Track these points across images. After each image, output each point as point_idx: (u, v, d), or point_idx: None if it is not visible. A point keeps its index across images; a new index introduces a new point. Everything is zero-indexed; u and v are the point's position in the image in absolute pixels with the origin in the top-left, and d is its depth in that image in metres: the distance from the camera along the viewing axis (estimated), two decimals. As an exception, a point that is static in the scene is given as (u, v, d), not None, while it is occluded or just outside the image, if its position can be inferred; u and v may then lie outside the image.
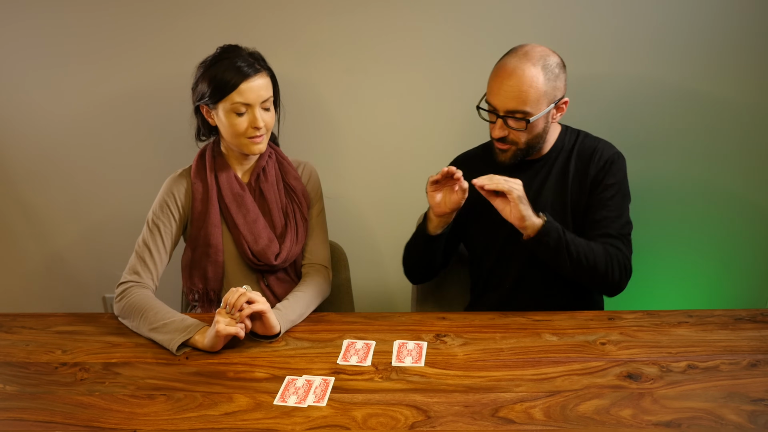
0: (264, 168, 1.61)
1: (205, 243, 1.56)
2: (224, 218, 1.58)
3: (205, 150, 1.61)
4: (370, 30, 1.90)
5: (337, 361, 1.29)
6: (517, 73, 1.40)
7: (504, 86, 1.41)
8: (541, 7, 1.84)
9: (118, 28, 1.91)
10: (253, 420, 1.13)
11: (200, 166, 1.59)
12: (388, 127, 2.02)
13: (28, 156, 2.10)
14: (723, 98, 1.92)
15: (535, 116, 1.42)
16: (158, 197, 1.58)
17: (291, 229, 1.61)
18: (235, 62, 1.46)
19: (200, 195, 1.56)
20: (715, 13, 1.82)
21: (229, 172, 1.58)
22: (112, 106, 2.01)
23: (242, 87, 1.45)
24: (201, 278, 1.59)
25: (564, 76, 1.46)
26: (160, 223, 1.55)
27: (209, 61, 1.50)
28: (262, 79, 1.48)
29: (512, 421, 1.11)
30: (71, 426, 1.13)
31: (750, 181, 2.01)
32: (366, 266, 2.16)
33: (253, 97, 1.46)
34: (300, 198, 1.63)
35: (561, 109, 1.48)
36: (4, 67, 1.98)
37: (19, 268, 2.27)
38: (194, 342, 1.35)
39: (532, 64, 1.40)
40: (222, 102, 1.47)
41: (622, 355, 1.29)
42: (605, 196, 1.51)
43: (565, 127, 1.60)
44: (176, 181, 1.59)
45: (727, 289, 2.15)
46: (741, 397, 1.14)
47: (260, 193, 1.60)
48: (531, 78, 1.39)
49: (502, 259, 1.60)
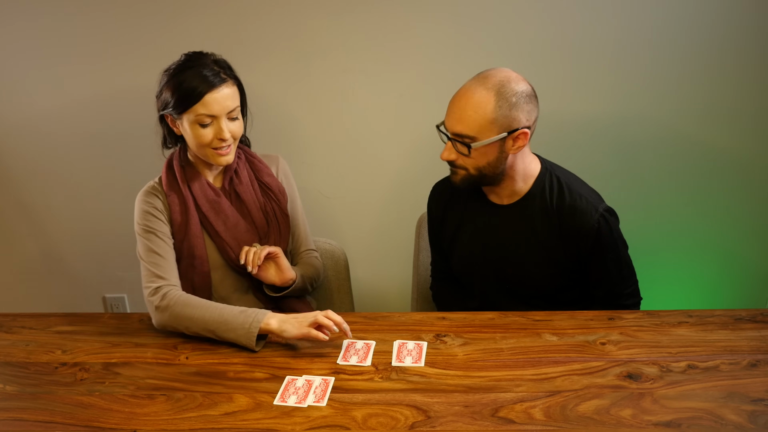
0: (236, 170, 1.57)
1: (189, 254, 1.52)
2: (204, 227, 1.54)
3: (171, 161, 1.55)
4: (368, 30, 1.89)
5: (337, 361, 1.29)
6: (466, 95, 1.34)
7: (454, 108, 1.36)
8: (540, 7, 1.84)
9: (118, 28, 1.91)
10: (253, 420, 1.13)
11: (170, 177, 1.54)
12: (388, 127, 2.01)
13: (28, 156, 2.10)
14: (724, 99, 1.92)
15: (479, 143, 1.34)
16: (138, 212, 1.51)
17: (273, 227, 1.60)
18: (200, 71, 1.41)
19: (177, 207, 1.51)
20: (715, 14, 1.82)
21: (201, 180, 1.53)
22: (113, 106, 2.01)
23: (207, 98, 1.40)
24: (189, 289, 1.54)
25: (528, 106, 1.35)
26: (154, 226, 1.50)
27: (173, 68, 1.45)
28: (228, 89, 1.43)
29: (512, 421, 1.11)
30: (71, 426, 1.13)
31: (750, 181, 2.01)
32: (366, 266, 2.16)
33: (218, 108, 1.41)
34: (277, 194, 1.61)
35: (519, 140, 1.37)
36: (4, 67, 1.98)
37: (18, 268, 2.27)
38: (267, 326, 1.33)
39: (485, 88, 1.33)
40: (186, 113, 1.42)
41: (622, 355, 1.29)
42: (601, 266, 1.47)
43: (545, 168, 1.48)
44: (148, 195, 1.52)
45: (727, 289, 2.15)
46: (741, 397, 1.14)
47: (236, 195, 1.57)
48: (478, 102, 1.32)
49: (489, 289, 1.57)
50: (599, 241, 1.43)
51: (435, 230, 1.65)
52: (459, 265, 1.60)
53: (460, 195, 1.55)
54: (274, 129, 1.98)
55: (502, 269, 1.52)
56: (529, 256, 1.48)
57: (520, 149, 1.39)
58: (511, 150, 1.38)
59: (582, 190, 1.46)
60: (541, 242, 1.46)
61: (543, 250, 1.47)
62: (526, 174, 1.46)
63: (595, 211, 1.42)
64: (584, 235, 1.42)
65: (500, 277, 1.53)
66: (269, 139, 1.90)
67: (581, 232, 1.42)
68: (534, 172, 1.47)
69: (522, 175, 1.46)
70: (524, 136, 1.37)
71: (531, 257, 1.48)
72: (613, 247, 1.46)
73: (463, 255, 1.57)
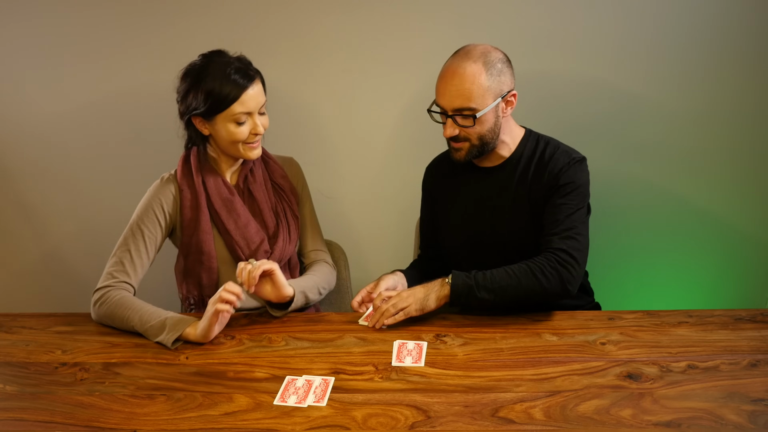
0: (251, 169, 1.60)
1: (197, 250, 1.54)
2: (215, 223, 1.56)
3: (188, 155, 1.57)
4: (367, 31, 1.90)
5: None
6: (458, 72, 1.43)
7: (449, 86, 1.44)
8: (539, 7, 1.84)
9: (117, 28, 1.91)
10: (253, 420, 1.13)
11: (186, 171, 1.56)
12: (387, 126, 2.02)
13: (28, 156, 2.10)
14: (724, 99, 1.91)
15: (481, 111, 1.44)
16: (143, 202, 1.54)
17: (283, 228, 1.61)
18: (228, 73, 1.44)
19: (189, 201, 1.54)
20: (714, 16, 1.82)
21: (216, 177, 1.56)
22: (112, 106, 2.01)
23: (243, 98, 1.45)
24: (195, 285, 1.57)
25: (509, 70, 1.48)
26: (145, 228, 1.52)
27: (197, 71, 1.46)
28: (257, 85, 1.48)
29: (512, 421, 1.10)
30: (71, 426, 1.13)
31: (750, 181, 2.01)
32: (366, 266, 2.16)
33: (254, 104, 1.47)
34: (289, 196, 1.63)
35: (510, 103, 1.50)
36: (4, 67, 1.98)
37: (18, 268, 2.27)
38: (185, 336, 1.35)
39: (473, 61, 1.43)
40: (221, 114, 1.46)
41: (622, 355, 1.29)
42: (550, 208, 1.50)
43: (529, 131, 1.60)
44: (163, 186, 1.56)
45: (727, 289, 2.15)
46: (741, 397, 1.14)
47: (249, 193, 1.59)
48: (473, 75, 1.42)
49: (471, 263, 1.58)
50: (558, 180, 1.49)
51: (428, 206, 1.73)
52: (449, 233, 1.66)
53: (454, 168, 1.64)
54: (274, 129, 1.97)
55: (490, 227, 1.58)
56: (516, 211, 1.55)
57: (512, 110, 1.52)
58: (504, 113, 1.50)
59: (562, 146, 1.56)
60: (526, 194, 1.54)
61: (527, 203, 1.54)
62: (513, 137, 1.58)
63: (569, 156, 1.52)
64: (552, 168, 1.51)
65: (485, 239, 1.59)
66: (269, 139, 1.88)
67: (551, 174, 1.51)
68: (519, 135, 1.59)
69: (510, 138, 1.57)
70: (514, 98, 1.50)
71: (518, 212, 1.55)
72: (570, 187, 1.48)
73: (456, 221, 1.64)
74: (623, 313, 1.46)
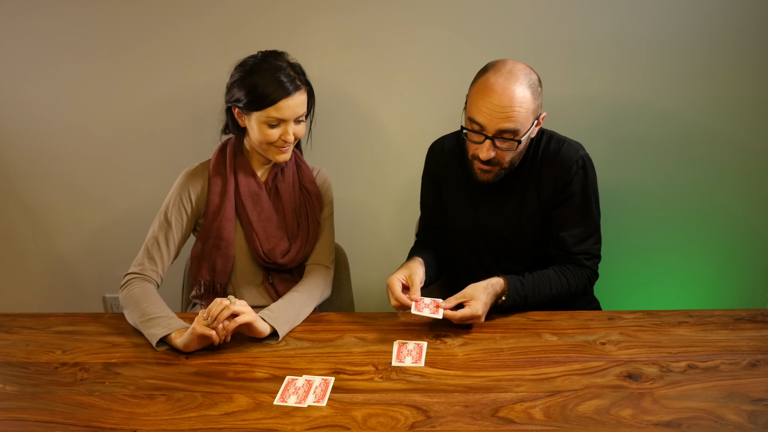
0: (283, 169, 1.62)
1: (216, 236, 1.57)
2: (238, 214, 1.59)
3: (226, 145, 1.60)
4: (369, 30, 1.89)
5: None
6: (507, 93, 1.37)
7: (495, 107, 1.37)
8: (539, 7, 1.84)
9: (117, 28, 1.91)
10: (253, 420, 1.13)
11: (220, 161, 1.59)
12: (388, 127, 2.02)
13: (28, 156, 2.09)
14: (724, 98, 1.92)
15: (524, 135, 1.41)
16: (173, 191, 1.58)
17: (303, 230, 1.63)
18: (277, 75, 1.45)
19: (218, 189, 1.57)
20: (714, 16, 1.82)
21: (248, 170, 1.59)
22: (113, 106, 2.01)
23: (280, 104, 1.45)
24: (209, 270, 1.59)
25: (541, 90, 1.46)
26: (173, 219, 1.55)
27: (250, 66, 1.48)
28: (301, 96, 1.48)
29: (512, 421, 1.11)
30: (71, 426, 1.13)
31: (750, 181, 2.01)
32: (366, 266, 2.16)
33: (289, 113, 1.47)
34: (314, 201, 1.65)
35: (539, 124, 1.48)
36: (4, 67, 1.98)
37: (19, 269, 2.27)
38: (171, 339, 1.35)
39: (519, 83, 1.38)
40: (257, 112, 1.47)
41: (622, 355, 1.29)
42: (565, 213, 1.52)
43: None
44: (192, 175, 1.59)
45: (727, 289, 2.15)
46: (741, 397, 1.14)
47: (276, 191, 1.62)
48: (523, 98, 1.38)
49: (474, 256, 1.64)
50: (571, 180, 1.50)
51: (432, 189, 1.69)
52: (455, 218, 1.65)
53: (461, 160, 1.59)
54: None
55: (497, 215, 1.57)
56: (525, 201, 1.54)
57: (538, 130, 1.51)
58: (533, 134, 1.48)
59: (564, 139, 1.55)
60: (535, 186, 1.53)
61: (536, 193, 1.53)
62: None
63: (576, 153, 1.51)
64: (560, 167, 1.50)
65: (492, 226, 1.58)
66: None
67: (560, 174, 1.50)
68: None
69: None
70: (542, 119, 1.48)
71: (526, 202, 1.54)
72: (580, 191, 1.51)
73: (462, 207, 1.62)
74: (623, 313, 1.46)
